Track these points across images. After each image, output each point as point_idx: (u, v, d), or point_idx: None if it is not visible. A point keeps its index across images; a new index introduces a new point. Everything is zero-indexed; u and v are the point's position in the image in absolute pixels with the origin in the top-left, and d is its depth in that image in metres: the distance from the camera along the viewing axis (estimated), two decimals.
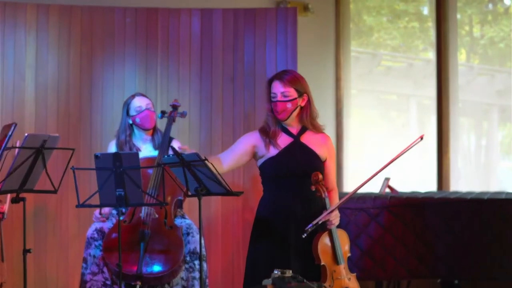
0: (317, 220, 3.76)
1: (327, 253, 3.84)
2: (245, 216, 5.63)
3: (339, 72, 6.90)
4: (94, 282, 4.44)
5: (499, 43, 6.52)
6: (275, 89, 3.94)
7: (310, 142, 3.97)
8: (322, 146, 3.99)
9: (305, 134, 3.99)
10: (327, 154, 4.00)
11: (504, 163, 6.66)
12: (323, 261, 3.81)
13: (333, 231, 3.85)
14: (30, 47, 5.52)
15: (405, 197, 4.85)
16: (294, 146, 3.96)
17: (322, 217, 3.78)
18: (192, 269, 4.48)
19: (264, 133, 3.99)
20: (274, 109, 3.95)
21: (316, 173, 3.83)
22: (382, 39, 7.06)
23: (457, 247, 4.67)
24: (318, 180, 3.82)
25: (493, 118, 6.65)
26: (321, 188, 3.82)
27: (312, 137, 3.99)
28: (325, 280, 3.80)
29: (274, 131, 3.96)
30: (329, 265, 3.83)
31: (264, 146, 3.97)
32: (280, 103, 3.93)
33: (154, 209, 4.50)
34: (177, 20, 5.72)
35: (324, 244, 3.84)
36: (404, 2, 6.95)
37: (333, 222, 3.84)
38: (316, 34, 6.83)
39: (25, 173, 3.98)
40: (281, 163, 3.94)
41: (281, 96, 3.93)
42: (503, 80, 6.52)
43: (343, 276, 3.86)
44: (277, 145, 3.95)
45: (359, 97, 7.15)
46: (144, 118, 4.69)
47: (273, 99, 3.94)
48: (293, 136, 3.98)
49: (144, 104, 4.70)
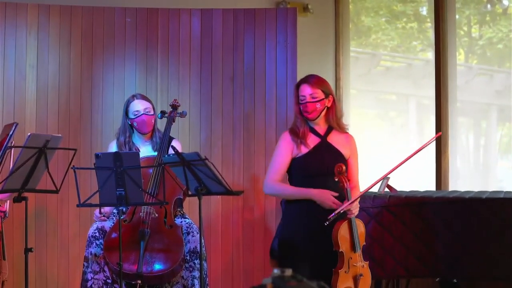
0: (340, 209, 4.00)
1: (346, 240, 4.07)
2: (245, 215, 5.64)
3: (339, 72, 6.91)
4: (95, 281, 4.46)
5: (497, 44, 6.53)
6: (304, 91, 4.19)
7: (336, 142, 4.22)
8: (346, 145, 4.25)
9: (331, 134, 4.24)
10: (350, 153, 4.26)
11: (502, 163, 6.67)
12: (342, 248, 4.04)
13: (353, 220, 4.10)
14: (31, 47, 5.53)
15: (404, 196, 4.85)
16: (322, 146, 4.19)
17: (344, 206, 4.01)
18: (192, 268, 4.50)
19: (295, 134, 4.20)
20: (303, 110, 4.19)
21: (339, 165, 4.05)
22: (380, 40, 7.07)
23: (456, 246, 4.68)
24: (342, 171, 4.04)
25: (491, 118, 6.65)
26: (344, 178, 4.04)
27: (338, 137, 4.24)
28: (341, 266, 4.03)
29: (303, 131, 4.19)
30: (346, 252, 4.06)
31: (296, 147, 4.18)
32: (310, 104, 4.16)
33: (154, 208, 4.52)
34: (177, 20, 5.73)
35: (344, 231, 4.07)
36: (402, 3, 6.96)
37: (353, 211, 4.09)
38: (316, 34, 6.84)
39: (27, 173, 4.00)
40: (310, 162, 4.16)
41: (309, 98, 4.17)
42: (502, 80, 6.53)
43: (358, 263, 4.10)
44: (307, 145, 4.18)
45: (358, 97, 7.16)
46: (140, 123, 4.70)
47: (302, 102, 4.18)
48: (320, 136, 4.21)
49: (142, 108, 4.70)
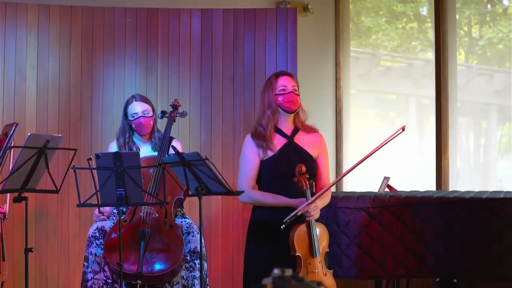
0: (296, 211, 3.82)
1: (303, 244, 3.87)
2: (245, 215, 5.64)
3: (339, 72, 6.91)
4: (95, 281, 4.45)
5: (497, 44, 6.53)
6: (286, 82, 4.04)
7: (303, 142, 4.06)
8: (314, 145, 4.09)
9: (297, 135, 4.07)
10: (319, 153, 4.09)
11: (502, 163, 6.67)
12: (298, 251, 3.84)
13: (312, 223, 3.88)
14: (31, 47, 5.54)
15: (404, 196, 4.86)
16: (289, 147, 4.03)
17: (300, 208, 3.83)
18: (192, 268, 4.50)
19: (259, 137, 4.04)
20: (286, 99, 4.02)
21: (299, 165, 3.89)
22: (380, 40, 7.07)
23: (456, 246, 4.68)
24: (301, 172, 3.88)
25: (492, 117, 6.65)
26: (303, 179, 3.87)
27: (304, 137, 4.08)
28: (299, 271, 3.82)
29: (270, 133, 4.02)
30: (304, 256, 3.87)
31: (263, 151, 4.02)
32: (294, 95, 4.03)
33: (154, 208, 4.52)
34: (177, 20, 5.73)
35: (300, 234, 3.87)
36: (402, 3, 6.96)
37: (311, 213, 3.87)
38: (316, 34, 6.84)
39: (27, 173, 4.00)
40: (277, 164, 4.00)
41: (292, 89, 4.03)
42: (502, 80, 6.53)
43: (318, 270, 3.88)
44: (274, 147, 4.02)
45: (358, 97, 7.16)
46: (138, 125, 4.70)
47: (284, 92, 4.02)
48: (286, 137, 4.06)
49: (140, 111, 4.69)
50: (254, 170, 4.03)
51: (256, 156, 4.03)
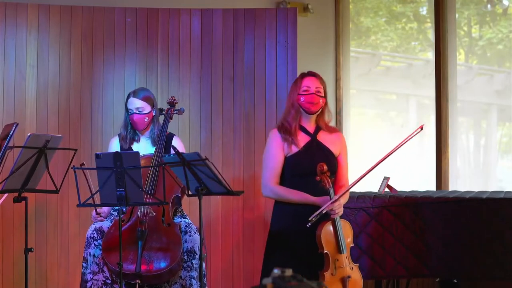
0: (321, 210, 3.93)
1: (330, 241, 3.99)
2: (245, 215, 5.65)
3: (339, 72, 6.92)
4: (94, 282, 4.45)
5: (497, 45, 6.53)
6: (310, 83, 4.15)
7: (325, 140, 4.19)
8: (336, 143, 4.22)
9: (320, 133, 4.20)
10: (340, 151, 4.23)
11: (502, 163, 6.67)
12: (326, 249, 3.96)
13: (337, 220, 4.01)
14: (31, 47, 5.53)
15: (404, 196, 4.86)
16: (312, 145, 4.16)
17: (325, 206, 3.94)
18: (190, 268, 4.50)
19: (285, 131, 4.15)
20: (307, 101, 4.13)
21: (321, 164, 3.99)
22: (379, 41, 7.07)
23: (456, 246, 4.68)
24: (323, 171, 3.97)
25: (492, 117, 6.66)
26: (325, 178, 3.97)
27: (327, 136, 4.21)
28: (327, 268, 3.94)
29: (295, 129, 4.14)
30: (331, 254, 3.98)
31: (287, 146, 4.14)
32: (316, 96, 4.13)
33: (151, 207, 4.52)
34: (177, 20, 5.73)
35: (327, 232, 3.99)
36: (402, 4, 6.96)
37: (336, 211, 4.00)
38: (316, 34, 6.84)
39: (27, 173, 4.00)
40: (301, 162, 4.12)
41: (315, 90, 4.14)
42: (502, 80, 6.53)
43: (346, 265, 4.01)
44: (298, 143, 4.13)
45: (358, 97, 7.16)
46: (133, 121, 4.72)
47: (306, 92, 4.13)
48: (310, 135, 4.18)
49: (135, 108, 4.69)
50: (279, 167, 4.14)
51: (281, 152, 4.14)
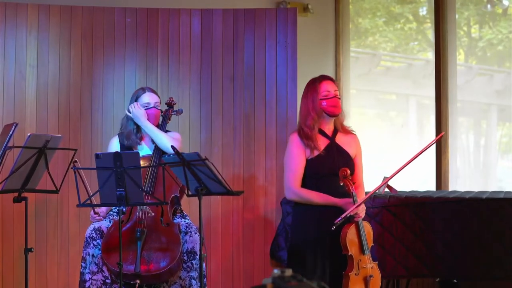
0: (346, 213, 4.03)
1: (354, 243, 4.11)
2: (245, 215, 5.64)
3: (339, 72, 6.91)
4: (93, 282, 4.45)
5: (497, 45, 6.53)
6: (329, 87, 4.26)
7: (343, 143, 4.30)
8: (352, 145, 4.33)
9: (337, 135, 4.30)
10: (356, 153, 4.34)
11: (502, 163, 6.67)
12: (350, 251, 4.08)
13: (360, 223, 4.13)
14: (31, 47, 5.53)
15: (404, 196, 4.86)
16: (332, 147, 4.25)
17: (350, 210, 4.05)
18: (190, 268, 4.50)
19: (305, 136, 4.24)
20: (330, 104, 4.24)
21: (344, 169, 4.11)
22: (377, 42, 7.08)
23: (456, 246, 4.68)
24: (346, 175, 4.10)
25: (491, 117, 6.66)
26: (348, 182, 4.10)
27: (343, 138, 4.32)
28: (351, 269, 4.07)
29: (315, 133, 4.23)
30: (355, 255, 4.10)
31: (309, 150, 4.22)
32: (337, 99, 4.25)
33: (149, 207, 4.52)
34: (177, 20, 5.73)
35: (351, 235, 4.10)
36: (400, 4, 6.97)
37: (360, 215, 4.13)
38: (316, 34, 6.84)
39: (27, 173, 4.00)
40: (322, 164, 4.21)
41: (335, 93, 4.25)
42: (502, 80, 6.53)
43: (368, 265, 4.14)
44: (318, 147, 4.22)
45: (358, 97, 7.16)
46: (151, 115, 4.72)
47: (327, 97, 4.24)
48: (328, 138, 4.28)
49: (153, 102, 4.76)
50: (301, 169, 4.22)
51: (302, 155, 4.22)
